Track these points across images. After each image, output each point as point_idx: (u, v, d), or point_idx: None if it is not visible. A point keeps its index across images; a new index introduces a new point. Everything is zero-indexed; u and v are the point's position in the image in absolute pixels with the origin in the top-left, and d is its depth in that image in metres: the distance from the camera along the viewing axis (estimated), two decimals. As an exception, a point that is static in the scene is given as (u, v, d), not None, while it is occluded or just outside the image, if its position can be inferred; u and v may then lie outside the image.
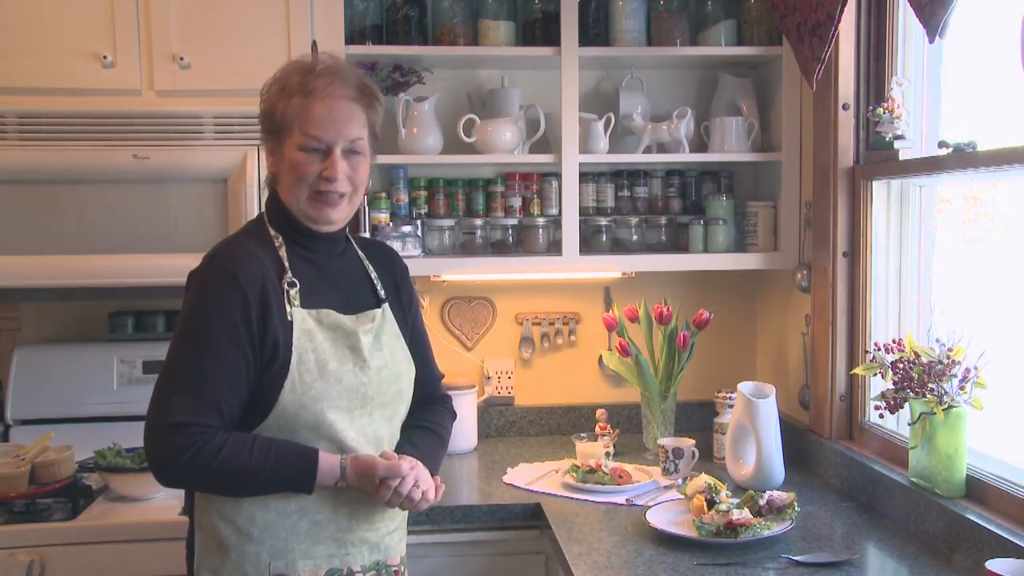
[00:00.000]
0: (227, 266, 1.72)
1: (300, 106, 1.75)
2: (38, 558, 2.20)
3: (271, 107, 1.79)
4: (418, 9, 2.77)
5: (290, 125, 1.76)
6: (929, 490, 2.04)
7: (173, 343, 1.71)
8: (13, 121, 2.43)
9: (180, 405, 1.65)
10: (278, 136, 1.78)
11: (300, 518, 1.73)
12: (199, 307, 1.71)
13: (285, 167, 1.78)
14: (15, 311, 2.89)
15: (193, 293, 1.73)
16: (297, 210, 1.79)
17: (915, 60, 2.38)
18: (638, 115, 2.84)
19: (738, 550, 1.97)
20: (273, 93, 1.80)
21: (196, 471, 1.66)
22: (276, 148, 1.80)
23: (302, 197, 1.77)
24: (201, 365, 1.67)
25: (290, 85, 1.78)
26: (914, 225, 2.41)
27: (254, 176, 2.45)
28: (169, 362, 1.70)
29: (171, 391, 1.67)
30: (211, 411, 1.67)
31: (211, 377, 1.67)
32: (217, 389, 1.67)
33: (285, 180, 1.79)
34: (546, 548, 2.30)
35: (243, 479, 1.68)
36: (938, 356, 2.02)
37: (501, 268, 2.81)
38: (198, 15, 2.50)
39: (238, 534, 1.72)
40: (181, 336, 1.71)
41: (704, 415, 2.94)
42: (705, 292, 3.07)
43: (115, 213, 2.46)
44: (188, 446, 1.64)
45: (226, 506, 1.72)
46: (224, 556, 1.72)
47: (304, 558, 1.74)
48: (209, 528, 1.74)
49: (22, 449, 2.44)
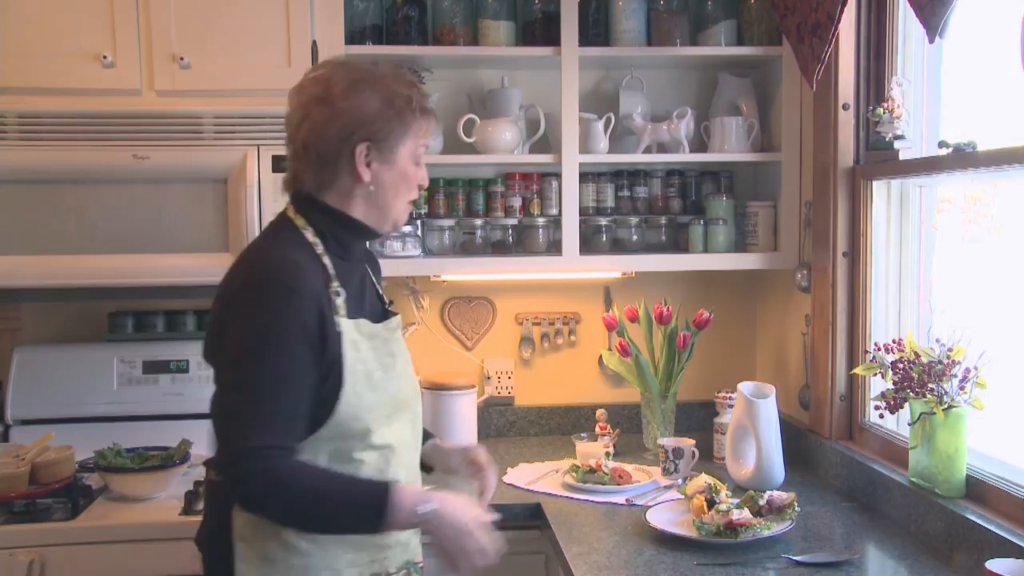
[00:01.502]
0: (285, 280, 1.65)
1: (418, 119, 1.76)
2: (38, 558, 2.20)
3: (379, 118, 1.72)
4: (418, 9, 2.77)
5: (404, 137, 1.75)
6: (929, 490, 2.04)
7: (239, 360, 1.63)
8: (13, 121, 2.43)
9: (258, 427, 1.60)
10: (381, 147, 1.73)
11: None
12: (265, 324, 1.63)
13: (396, 175, 1.76)
14: (15, 311, 2.88)
15: (253, 309, 1.64)
16: (389, 215, 1.79)
17: (915, 60, 2.38)
18: (638, 115, 2.84)
19: (738, 550, 1.97)
20: (376, 106, 1.72)
21: (277, 496, 1.61)
22: (379, 156, 1.74)
23: (403, 206, 1.81)
24: (275, 384, 1.61)
25: (403, 99, 1.74)
26: (914, 225, 2.41)
27: (254, 176, 2.45)
28: (239, 381, 1.63)
29: (247, 412, 1.61)
30: (288, 432, 1.62)
31: (285, 396, 1.62)
32: (292, 408, 1.63)
33: (392, 187, 1.76)
34: (546, 548, 2.30)
35: (321, 508, 1.63)
36: (938, 356, 2.02)
37: (501, 268, 2.81)
38: (198, 15, 2.50)
39: (284, 547, 1.68)
40: (249, 353, 1.63)
41: (704, 415, 2.94)
42: (705, 292, 3.07)
43: (115, 213, 2.46)
44: (271, 470, 1.59)
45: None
46: (270, 568, 1.69)
47: (349, 566, 1.72)
48: (253, 540, 1.69)
49: (22, 449, 2.44)
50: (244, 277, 1.70)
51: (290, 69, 2.52)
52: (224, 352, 1.67)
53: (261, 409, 1.61)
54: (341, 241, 1.78)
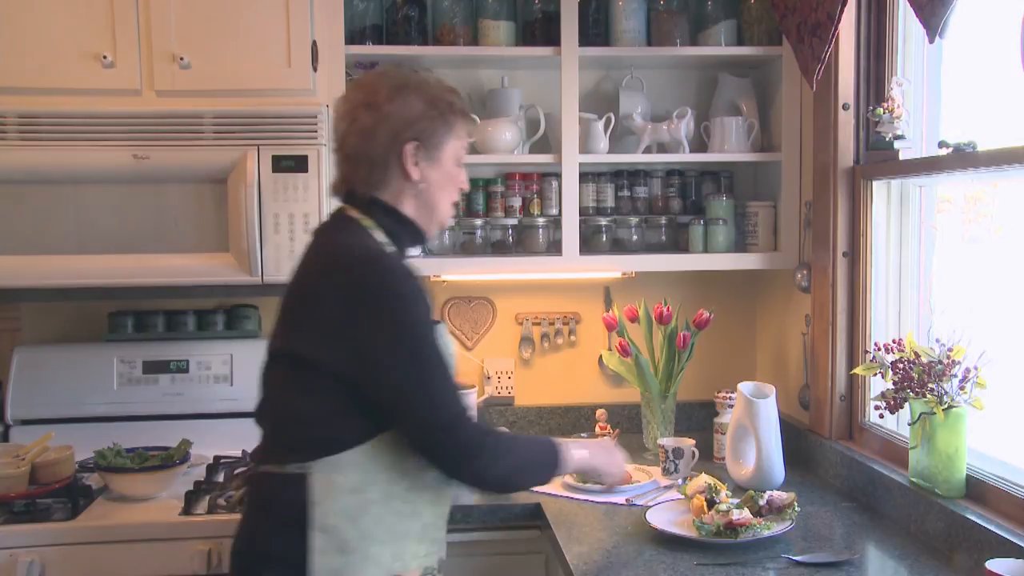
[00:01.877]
0: (410, 274, 1.77)
1: (464, 124, 1.88)
2: (38, 558, 2.19)
3: (426, 120, 1.81)
4: (418, 9, 2.77)
5: (448, 139, 1.84)
6: (929, 490, 2.04)
7: (408, 354, 1.72)
8: (13, 121, 2.42)
9: (457, 402, 1.76)
10: (430, 149, 1.82)
11: (415, 519, 1.80)
12: (417, 311, 1.74)
13: (442, 175, 1.85)
14: (15, 311, 2.88)
15: (400, 297, 1.73)
16: (436, 215, 1.88)
17: (915, 60, 2.38)
18: (638, 115, 2.84)
19: (738, 550, 1.97)
20: (420, 109, 1.81)
21: (507, 451, 1.82)
22: (423, 159, 1.82)
23: (448, 206, 1.89)
24: (443, 364, 1.75)
25: (446, 102, 1.84)
26: (914, 225, 2.41)
27: (254, 176, 2.45)
28: (419, 370, 1.72)
29: (439, 395, 1.74)
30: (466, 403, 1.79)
31: (451, 374, 1.78)
32: (455, 383, 1.79)
33: (439, 187, 1.85)
34: (546, 548, 2.30)
35: (532, 464, 1.88)
36: (938, 356, 2.02)
37: (501, 268, 2.81)
38: (198, 15, 2.50)
39: (363, 536, 1.73)
40: (419, 342, 1.73)
41: (704, 415, 2.94)
42: (705, 292, 3.07)
43: (115, 213, 2.46)
44: (485, 436, 1.78)
45: (351, 507, 1.72)
46: (347, 558, 1.72)
47: (414, 558, 1.80)
48: (332, 530, 1.71)
49: (22, 449, 2.44)
50: (354, 270, 1.74)
51: (290, 69, 2.52)
52: (378, 346, 1.71)
53: (450, 383, 1.77)
54: (402, 242, 1.87)
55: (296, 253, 2.47)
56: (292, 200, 2.47)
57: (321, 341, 1.73)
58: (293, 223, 2.48)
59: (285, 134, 2.46)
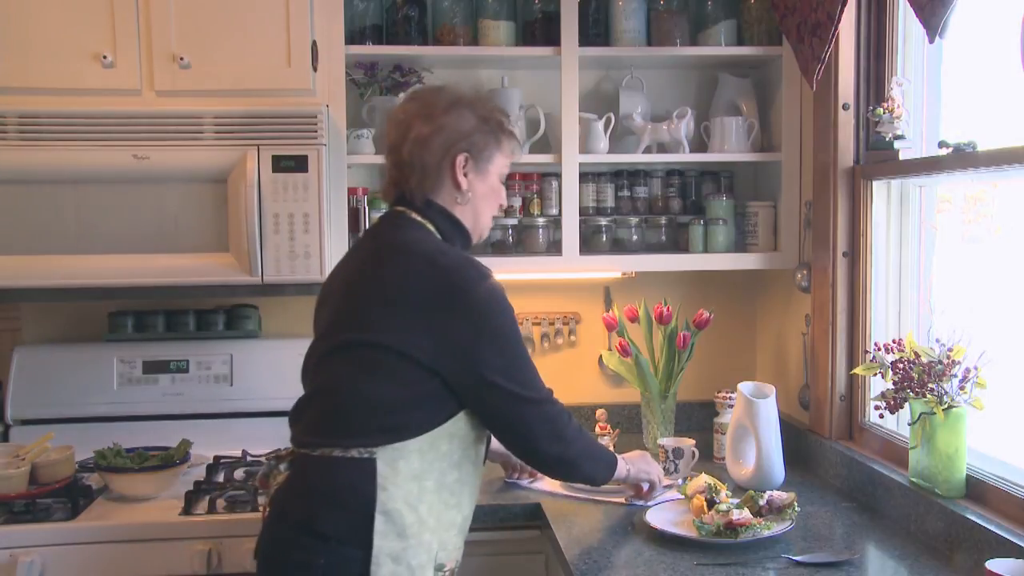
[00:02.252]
0: (491, 275, 1.88)
1: (511, 144, 2.01)
2: (38, 558, 2.19)
3: (477, 134, 1.93)
4: (418, 9, 2.77)
5: (494, 156, 1.98)
6: (929, 490, 2.04)
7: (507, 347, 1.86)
8: (13, 121, 2.42)
9: (540, 384, 1.91)
10: (480, 162, 1.95)
11: (458, 512, 1.89)
12: (511, 315, 1.88)
13: (487, 188, 1.98)
14: (15, 311, 2.88)
15: (494, 302, 1.85)
16: (479, 226, 2.01)
17: (915, 60, 2.38)
18: (638, 115, 2.84)
19: (738, 550, 1.97)
20: (478, 122, 1.94)
21: (582, 440, 1.98)
22: (475, 167, 1.95)
23: (489, 220, 2.02)
24: (527, 354, 1.92)
25: (493, 119, 1.97)
26: (914, 225, 2.41)
27: (254, 176, 2.45)
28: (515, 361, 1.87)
29: (528, 378, 1.89)
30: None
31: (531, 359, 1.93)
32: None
33: (485, 204, 1.99)
34: (546, 548, 2.30)
35: (596, 457, 2.06)
36: (938, 356, 2.02)
37: (501, 268, 2.77)
38: (198, 15, 2.50)
39: (419, 522, 1.80)
40: (513, 339, 1.88)
41: (704, 415, 2.94)
42: (705, 292, 3.07)
43: (115, 213, 2.46)
44: (563, 414, 1.94)
45: (412, 493, 1.80)
46: (405, 543, 1.78)
47: (456, 549, 1.91)
48: (395, 514, 1.77)
49: (22, 449, 2.44)
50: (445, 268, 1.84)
51: (290, 69, 2.52)
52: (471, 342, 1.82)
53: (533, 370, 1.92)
54: (455, 244, 1.96)
55: (296, 253, 2.51)
56: (292, 200, 2.47)
57: (409, 331, 1.80)
58: (293, 223, 2.48)
59: (285, 134, 2.46)
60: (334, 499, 1.79)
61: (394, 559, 1.77)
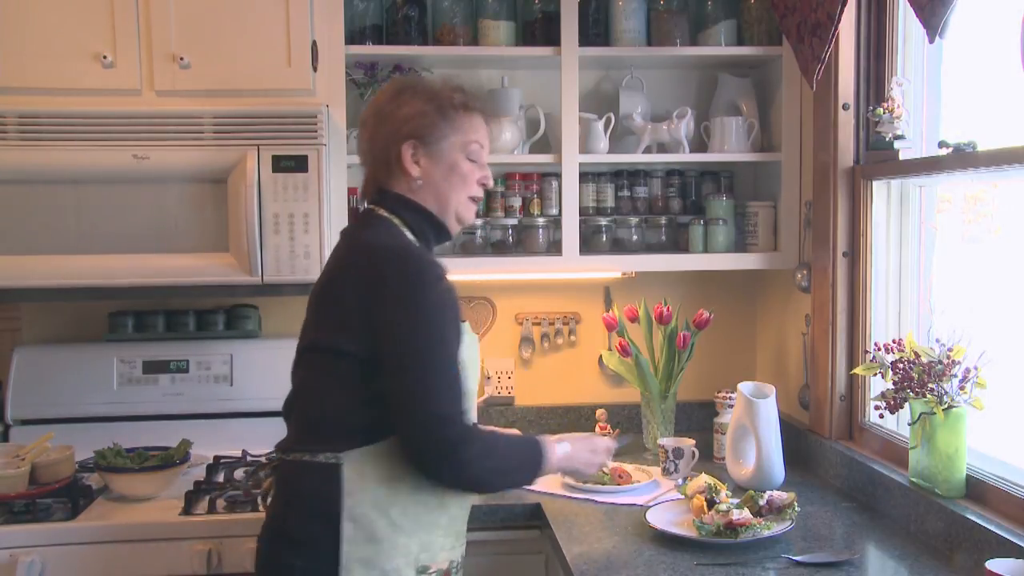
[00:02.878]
0: (436, 268, 1.81)
1: (468, 119, 1.90)
2: (38, 558, 2.19)
3: (427, 116, 1.86)
4: (418, 9, 2.77)
5: (455, 135, 1.88)
6: (929, 490, 2.04)
7: (416, 340, 1.75)
8: (13, 121, 2.42)
9: (450, 398, 1.77)
10: (434, 145, 1.87)
11: (442, 512, 1.84)
12: (437, 306, 1.78)
13: (445, 170, 1.89)
14: (15, 311, 2.88)
15: (419, 291, 1.77)
16: (448, 210, 1.91)
17: (915, 60, 2.38)
18: (638, 115, 2.84)
19: (738, 550, 1.97)
20: (427, 107, 1.86)
21: (489, 453, 1.82)
22: (426, 156, 1.87)
23: (462, 201, 1.92)
24: (452, 363, 1.78)
25: (445, 99, 1.88)
26: (914, 225, 2.41)
27: (254, 176, 2.45)
28: (423, 359, 1.75)
29: (438, 388, 1.76)
30: (463, 402, 1.80)
31: (457, 372, 1.79)
32: (460, 381, 1.80)
33: (444, 185, 1.89)
34: (546, 548, 2.30)
35: (512, 468, 1.89)
36: (938, 356, 2.02)
37: (501, 268, 2.81)
38: (198, 15, 2.50)
39: (392, 526, 1.78)
40: (432, 337, 1.76)
41: (704, 415, 2.94)
42: (705, 292, 3.07)
43: (115, 213, 2.46)
44: (471, 437, 1.78)
45: (380, 498, 1.77)
46: (377, 547, 1.77)
47: (441, 550, 1.85)
48: (363, 519, 1.76)
49: (22, 449, 2.44)
50: (385, 261, 1.80)
51: (290, 69, 2.52)
52: (388, 337, 1.75)
53: (450, 384, 1.77)
54: (428, 238, 1.92)
55: (296, 253, 2.51)
56: (292, 200, 2.47)
57: (346, 330, 1.78)
58: (293, 223, 2.48)
59: (285, 134, 2.46)
60: (303, 505, 1.81)
61: (365, 564, 1.76)
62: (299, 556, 1.78)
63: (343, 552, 1.75)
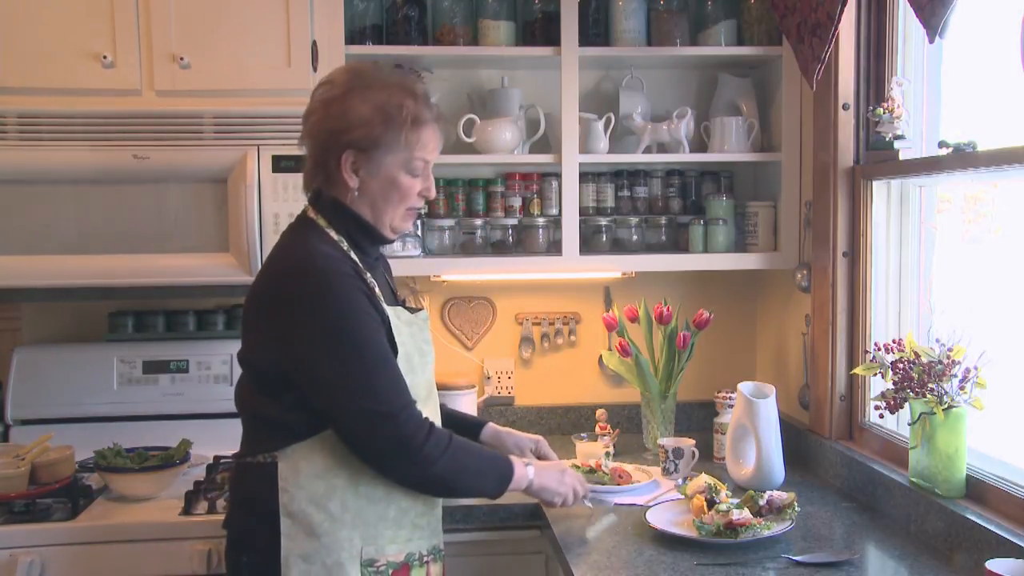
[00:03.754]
0: (335, 265, 1.76)
1: (416, 134, 1.81)
2: (38, 558, 2.19)
3: (366, 124, 1.78)
4: (418, 9, 2.77)
5: (395, 146, 1.80)
6: (929, 490, 2.04)
7: (334, 350, 1.72)
8: (13, 121, 2.43)
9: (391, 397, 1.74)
10: (371, 153, 1.80)
11: (388, 504, 1.82)
12: (343, 308, 1.73)
13: (383, 184, 1.82)
14: (15, 311, 2.88)
15: (322, 298, 1.73)
16: (382, 221, 1.86)
17: (915, 60, 2.38)
18: (638, 115, 2.84)
19: (738, 550, 1.97)
20: (367, 112, 1.78)
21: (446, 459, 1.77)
22: (365, 164, 1.81)
23: (399, 213, 1.86)
24: (379, 358, 1.75)
25: (392, 107, 1.79)
26: (914, 225, 2.41)
27: (254, 176, 2.45)
28: (344, 366, 1.72)
29: (372, 389, 1.73)
30: (410, 395, 1.78)
31: (392, 365, 1.76)
32: (399, 373, 1.77)
33: (379, 196, 1.83)
34: (546, 548, 2.30)
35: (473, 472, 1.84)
36: (938, 356, 2.02)
37: (501, 268, 2.81)
38: (198, 15, 2.50)
39: (330, 520, 1.78)
40: (344, 338, 1.73)
41: (704, 415, 2.94)
42: (705, 292, 3.07)
43: (115, 213, 2.46)
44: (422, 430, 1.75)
45: (317, 492, 1.77)
46: (316, 542, 1.77)
47: (390, 543, 1.83)
48: (299, 515, 1.77)
49: (22, 449, 2.44)
50: (283, 274, 1.78)
51: (290, 69, 2.52)
52: (304, 348, 1.74)
53: (383, 379, 1.74)
54: (357, 241, 1.87)
55: (296, 253, 2.51)
56: (292, 200, 2.47)
57: (259, 347, 1.81)
58: (293, 223, 2.48)
59: (285, 134, 2.46)
60: (245, 504, 1.86)
61: (305, 559, 1.77)
62: (246, 553, 1.83)
63: (283, 547, 1.77)
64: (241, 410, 1.90)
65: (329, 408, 1.76)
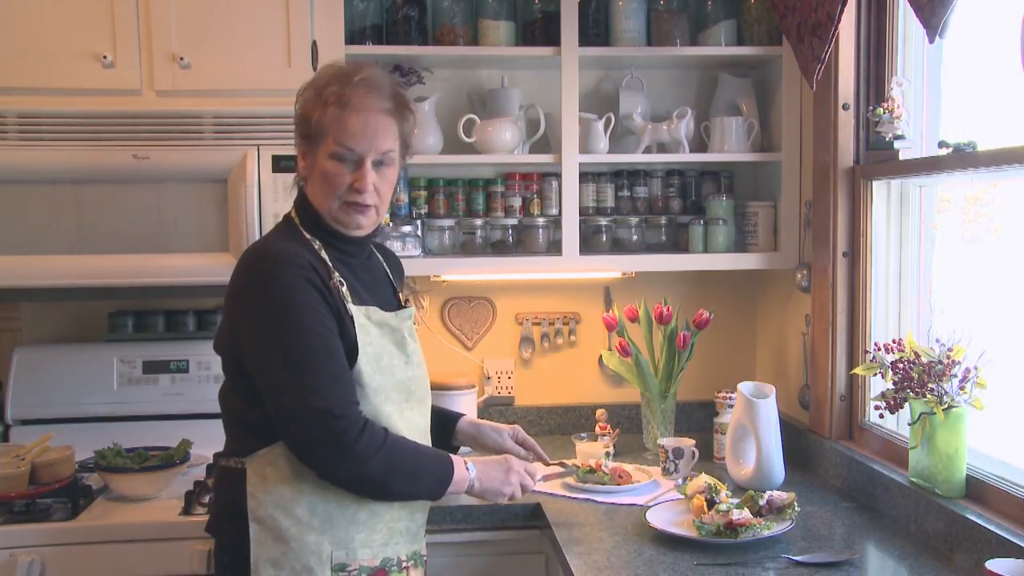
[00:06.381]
0: (287, 259, 1.75)
1: (335, 116, 1.79)
2: (38, 558, 2.19)
3: (306, 113, 1.82)
4: (418, 9, 2.77)
5: (324, 133, 1.80)
6: (929, 490, 2.04)
7: (273, 340, 1.73)
8: (13, 121, 2.43)
9: (327, 392, 1.71)
10: (311, 142, 1.82)
11: (359, 509, 1.81)
12: (286, 299, 1.73)
13: (317, 174, 1.83)
14: (15, 311, 2.88)
15: (266, 288, 1.74)
16: (327, 215, 1.84)
17: (915, 60, 2.38)
18: (638, 115, 2.84)
19: (738, 550, 1.97)
20: (309, 99, 1.82)
21: (380, 458, 1.73)
22: (309, 153, 1.84)
23: (333, 205, 1.83)
24: (320, 352, 1.72)
25: (326, 93, 1.80)
26: (914, 225, 2.41)
27: (254, 176, 2.45)
28: (283, 360, 1.72)
29: (308, 383, 1.71)
30: (350, 391, 1.75)
31: (335, 361, 1.73)
32: (343, 370, 1.75)
33: (316, 186, 1.84)
34: (546, 548, 2.30)
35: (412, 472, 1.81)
36: (938, 356, 2.02)
37: (501, 268, 2.81)
38: (198, 15, 2.50)
39: (299, 525, 1.77)
40: (283, 329, 1.72)
41: (704, 415, 2.94)
42: (705, 292, 3.07)
43: (115, 213, 2.46)
44: (357, 429, 1.72)
45: (284, 497, 1.77)
46: (285, 547, 1.77)
47: (363, 547, 1.81)
48: (267, 520, 1.77)
49: (22, 449, 2.44)
50: (237, 266, 1.82)
51: (290, 69, 2.52)
52: (248, 337, 1.77)
53: (321, 376, 1.71)
54: (327, 238, 1.87)
55: (296, 253, 2.51)
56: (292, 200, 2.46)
57: (224, 337, 1.85)
58: (293, 223, 2.48)
59: (285, 134, 2.45)
60: (220, 509, 1.88)
61: (274, 564, 1.77)
62: (226, 554, 1.85)
63: (253, 553, 1.77)
64: (222, 412, 1.92)
65: (267, 399, 1.76)
